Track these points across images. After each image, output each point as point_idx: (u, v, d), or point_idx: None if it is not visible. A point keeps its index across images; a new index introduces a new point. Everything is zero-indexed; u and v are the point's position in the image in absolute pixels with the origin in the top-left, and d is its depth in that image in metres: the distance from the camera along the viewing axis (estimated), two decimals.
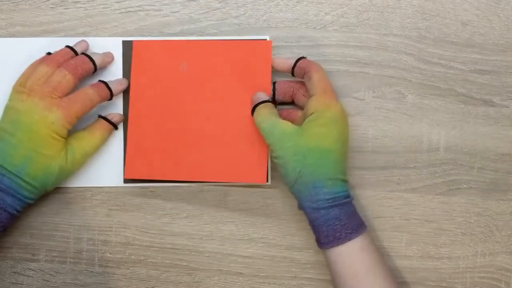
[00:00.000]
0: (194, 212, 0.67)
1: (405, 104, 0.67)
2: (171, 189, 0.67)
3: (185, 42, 0.66)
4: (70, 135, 0.63)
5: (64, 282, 0.67)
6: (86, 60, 0.64)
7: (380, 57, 0.67)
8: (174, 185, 0.67)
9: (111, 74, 0.66)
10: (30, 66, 0.63)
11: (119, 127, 0.66)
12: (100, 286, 0.67)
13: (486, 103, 0.67)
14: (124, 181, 0.67)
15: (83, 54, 0.64)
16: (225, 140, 0.66)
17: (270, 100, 0.64)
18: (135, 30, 0.67)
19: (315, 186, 0.59)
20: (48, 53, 0.64)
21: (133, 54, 0.66)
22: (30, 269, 0.67)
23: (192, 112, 0.66)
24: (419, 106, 0.67)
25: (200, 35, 0.67)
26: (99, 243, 0.67)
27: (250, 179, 0.66)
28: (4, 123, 0.61)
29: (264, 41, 0.66)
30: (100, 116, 0.66)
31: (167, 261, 0.67)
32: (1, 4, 0.67)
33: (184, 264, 0.67)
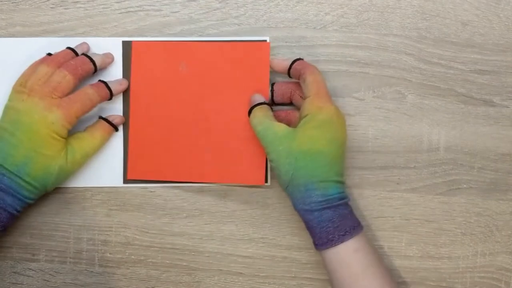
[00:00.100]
0: (194, 212, 0.67)
1: (405, 104, 0.67)
2: (171, 189, 0.67)
3: (184, 43, 0.66)
4: (70, 136, 0.63)
5: (64, 282, 0.67)
6: (86, 61, 0.64)
7: (380, 57, 0.67)
8: (174, 185, 0.67)
9: (111, 75, 0.66)
10: (30, 67, 0.63)
11: (119, 128, 0.66)
12: (100, 286, 0.67)
13: (486, 103, 0.67)
14: (124, 181, 0.67)
15: (83, 54, 0.64)
16: (224, 142, 0.66)
17: (266, 102, 0.64)
18: (135, 30, 0.67)
19: (307, 189, 0.59)
20: (48, 53, 0.64)
21: (132, 55, 0.66)
22: (30, 269, 0.67)
23: (191, 113, 0.66)
24: (419, 106, 0.67)
25: (200, 35, 0.67)
26: (99, 243, 0.67)
27: (249, 181, 0.66)
28: (4, 123, 0.61)
29: (263, 42, 0.66)
30: (100, 118, 0.66)
31: (167, 261, 0.67)
32: (1, 4, 0.67)
33: (184, 264, 0.67)
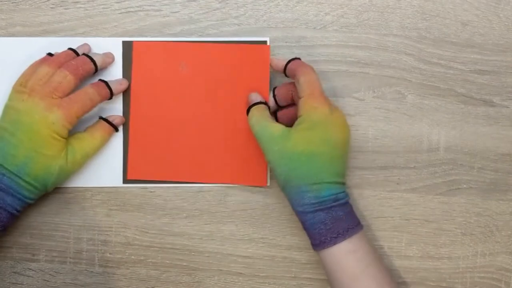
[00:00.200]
0: (194, 212, 0.67)
1: (405, 104, 0.67)
2: (171, 189, 0.67)
3: (184, 43, 0.66)
4: (71, 136, 0.63)
5: (64, 282, 0.67)
6: (87, 61, 0.64)
7: (380, 57, 0.67)
8: (174, 185, 0.67)
9: (111, 75, 0.66)
10: (31, 66, 0.63)
11: (119, 128, 0.66)
12: (100, 286, 0.67)
13: (486, 103, 0.67)
14: (124, 181, 0.67)
15: (84, 54, 0.64)
16: (224, 142, 0.66)
17: (263, 102, 0.64)
18: (135, 30, 0.67)
19: (300, 191, 0.58)
20: (49, 53, 0.64)
21: (133, 55, 0.66)
22: (30, 269, 0.67)
23: (191, 114, 0.66)
24: (419, 106, 0.67)
25: (200, 35, 0.67)
26: (99, 243, 0.67)
27: (250, 182, 0.66)
28: (4, 123, 0.61)
29: (263, 45, 0.66)
30: (101, 118, 0.66)
31: (167, 261, 0.67)
32: (1, 4, 0.67)
33: (184, 264, 0.67)
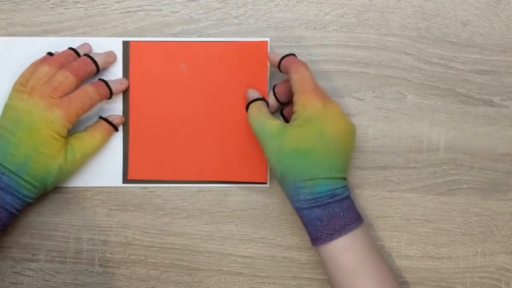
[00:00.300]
0: (194, 212, 0.67)
1: (405, 104, 0.67)
2: (171, 189, 0.67)
3: (182, 43, 0.66)
4: (70, 135, 0.63)
5: (64, 282, 0.67)
6: (89, 62, 0.64)
7: (380, 57, 0.67)
8: (174, 185, 0.67)
9: (111, 74, 0.66)
10: (31, 66, 0.63)
11: (119, 128, 0.66)
12: (100, 286, 0.67)
13: (486, 103, 0.67)
14: (124, 181, 0.67)
15: (85, 55, 0.64)
16: (224, 140, 0.66)
17: (261, 98, 0.64)
18: (135, 30, 0.67)
19: (296, 187, 0.58)
20: (49, 53, 0.64)
21: (130, 55, 0.66)
22: (30, 269, 0.67)
23: (191, 113, 0.66)
24: (419, 106, 0.67)
25: (200, 35, 0.67)
26: (99, 243, 0.67)
27: (250, 178, 0.66)
28: (4, 122, 0.61)
29: (261, 42, 0.66)
30: (100, 118, 0.66)
31: (167, 261, 0.67)
32: (1, 4, 0.67)
33: (184, 264, 0.67)
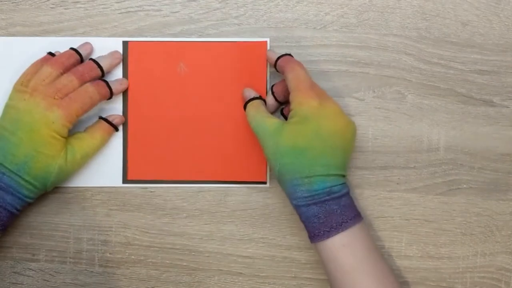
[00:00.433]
0: (194, 212, 0.67)
1: (405, 104, 0.67)
2: (171, 189, 0.67)
3: (181, 43, 0.66)
4: (70, 136, 0.63)
5: (64, 282, 0.67)
6: (94, 67, 0.64)
7: (380, 57, 0.67)
8: (174, 185, 0.67)
9: (111, 74, 0.66)
10: (32, 66, 0.63)
11: (119, 128, 0.66)
12: (100, 286, 0.67)
13: (486, 103, 0.67)
14: (124, 181, 0.67)
15: (91, 59, 0.64)
16: (223, 140, 0.66)
17: (258, 97, 0.64)
18: (135, 30, 0.67)
19: (293, 184, 0.59)
20: (49, 53, 0.64)
21: (129, 55, 0.66)
22: (30, 269, 0.67)
23: (191, 113, 0.66)
24: (419, 106, 0.67)
25: (200, 35, 0.67)
26: (99, 243, 0.67)
27: (250, 178, 0.66)
28: (5, 122, 0.61)
29: (260, 41, 0.66)
30: (100, 118, 0.66)
31: (167, 261, 0.67)
32: (1, 4, 0.67)
33: (184, 264, 0.67)
